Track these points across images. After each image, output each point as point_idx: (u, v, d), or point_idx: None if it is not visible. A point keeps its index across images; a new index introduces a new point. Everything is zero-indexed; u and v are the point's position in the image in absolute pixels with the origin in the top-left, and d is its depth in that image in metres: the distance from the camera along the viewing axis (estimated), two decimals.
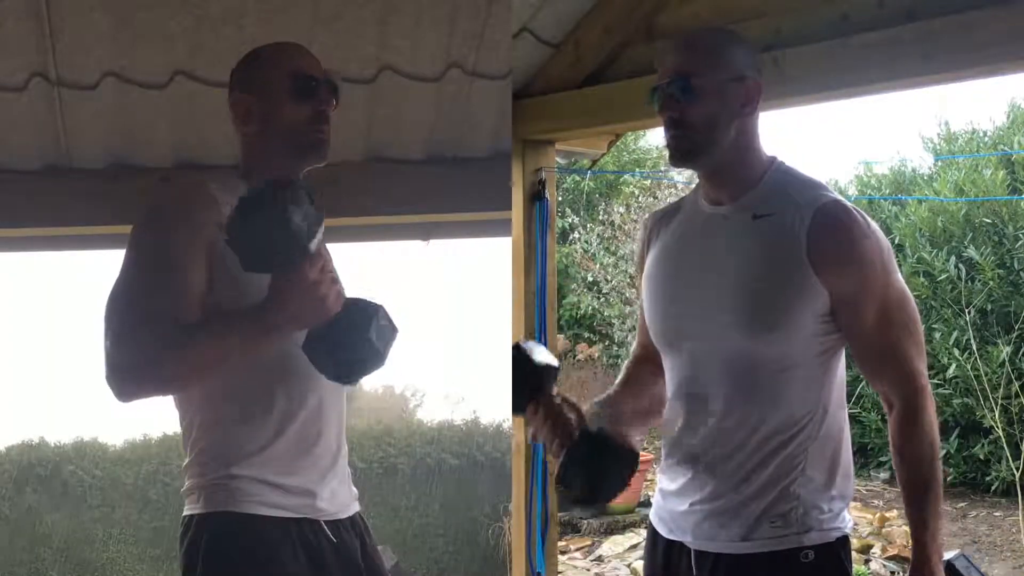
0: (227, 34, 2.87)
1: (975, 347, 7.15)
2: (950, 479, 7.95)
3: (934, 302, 7.73)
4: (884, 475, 8.58)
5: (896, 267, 1.90)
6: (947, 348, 7.45)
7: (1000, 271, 7.46)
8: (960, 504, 7.79)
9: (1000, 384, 7.03)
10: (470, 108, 3.17)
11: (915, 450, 1.86)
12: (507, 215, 3.55)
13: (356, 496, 2.06)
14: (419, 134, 3.25)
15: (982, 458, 7.68)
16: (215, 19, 2.84)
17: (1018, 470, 6.83)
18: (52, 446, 8.83)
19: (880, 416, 7.56)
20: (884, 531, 7.10)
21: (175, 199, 1.92)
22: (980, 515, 7.55)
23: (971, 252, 7.49)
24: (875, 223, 1.89)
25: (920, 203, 8.13)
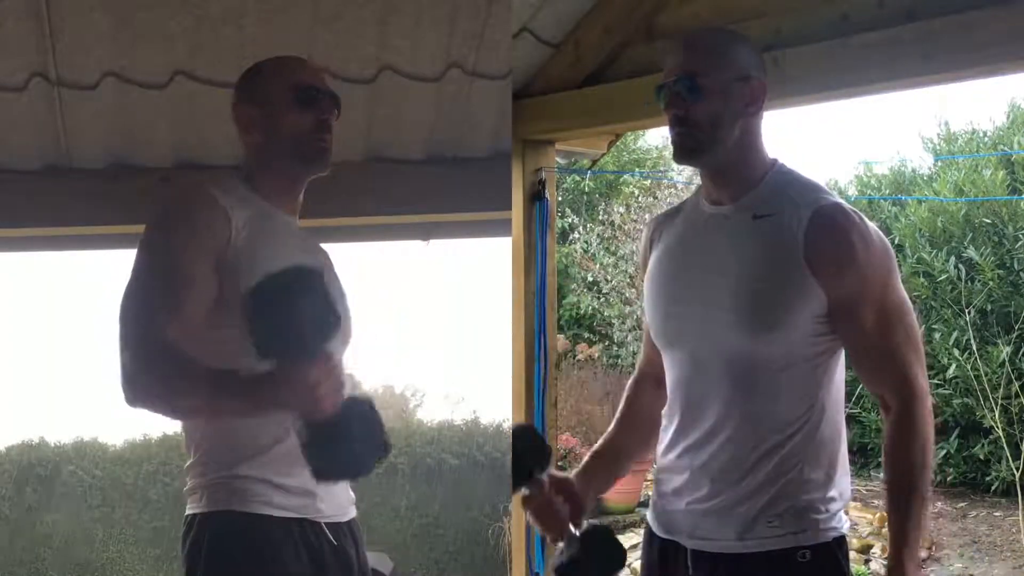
0: (227, 34, 2.87)
1: (975, 347, 7.15)
2: (950, 479, 7.94)
3: (934, 302, 7.73)
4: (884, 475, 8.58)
5: (897, 274, 1.89)
6: (947, 348, 7.45)
7: (1000, 271, 7.46)
8: (960, 504, 7.79)
9: (1000, 384, 7.03)
10: (470, 108, 3.17)
11: (906, 454, 1.85)
12: (507, 215, 3.54)
13: (353, 500, 2.06)
14: (419, 134, 3.25)
15: (982, 458, 7.68)
16: (215, 19, 2.84)
17: (1018, 470, 6.83)
18: (52, 446, 8.83)
19: (880, 416, 7.55)
20: (884, 531, 7.10)
21: (182, 204, 1.95)
22: (980, 515, 7.55)
23: (971, 252, 7.49)
24: (875, 226, 1.88)
25: (920, 203, 8.13)
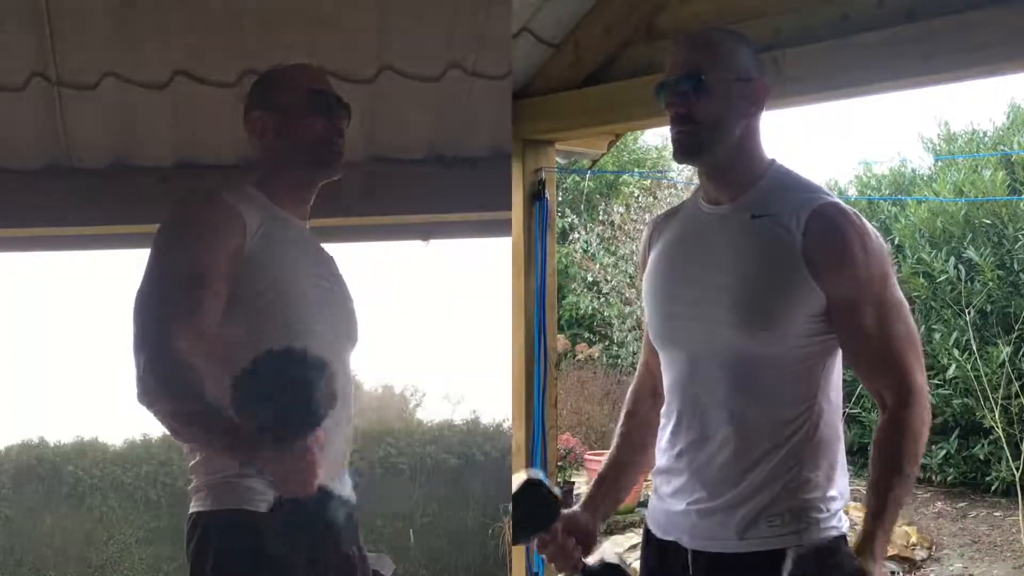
0: (227, 34, 2.87)
1: (975, 347, 7.15)
2: (950, 479, 7.94)
3: (934, 303, 7.73)
4: None
5: (894, 275, 1.89)
6: (947, 348, 7.45)
7: (1000, 272, 7.46)
8: (960, 504, 7.79)
9: (1000, 384, 7.03)
10: (470, 108, 3.17)
11: (899, 440, 1.81)
12: (507, 215, 3.55)
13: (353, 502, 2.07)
14: (419, 134, 3.25)
15: (982, 458, 7.67)
16: (215, 19, 2.84)
17: (1018, 470, 6.83)
18: (52, 446, 8.81)
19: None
20: None
21: (196, 208, 1.99)
22: (980, 515, 7.55)
23: (971, 253, 7.49)
24: (872, 227, 1.88)
25: (920, 204, 8.13)
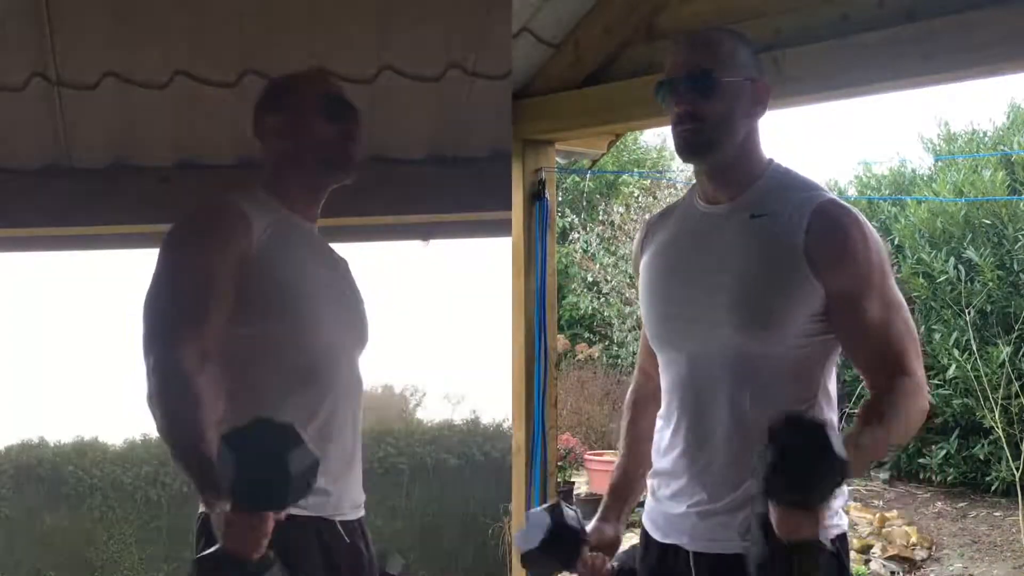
0: (227, 34, 2.87)
1: (975, 348, 7.15)
2: (950, 479, 7.94)
3: (934, 303, 7.73)
4: (884, 475, 8.58)
5: (892, 275, 1.89)
6: (947, 349, 7.44)
7: (1000, 272, 7.46)
8: (960, 504, 7.79)
9: (1000, 384, 7.03)
10: (470, 108, 3.17)
11: (891, 401, 1.77)
12: (507, 215, 3.55)
13: (363, 499, 2.08)
14: (419, 134, 3.25)
15: (982, 458, 7.67)
16: (215, 19, 2.84)
17: (1018, 470, 6.83)
18: (52, 446, 8.81)
19: None
20: (884, 531, 7.11)
21: (204, 212, 2.00)
22: (980, 515, 7.55)
23: (970, 253, 7.49)
24: (871, 224, 1.88)
25: (919, 204, 8.13)
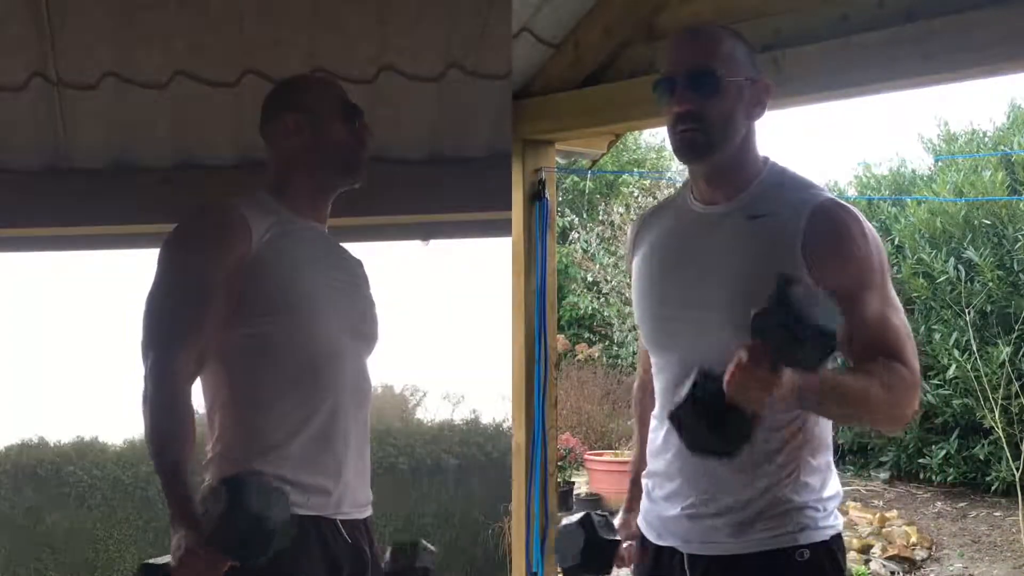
0: (227, 34, 2.87)
1: (975, 348, 7.15)
2: (950, 479, 7.95)
3: (934, 303, 7.73)
4: (884, 475, 8.59)
5: (889, 275, 1.88)
6: (947, 349, 7.45)
7: (999, 272, 7.46)
8: (960, 504, 7.79)
9: (1000, 384, 7.03)
10: (470, 108, 3.17)
11: (885, 372, 1.75)
12: (507, 215, 3.54)
13: (370, 499, 2.08)
14: (419, 134, 3.24)
15: (982, 458, 7.68)
16: (215, 19, 2.85)
17: (1018, 470, 6.83)
18: (52, 446, 8.82)
19: None
20: (884, 531, 7.11)
21: (201, 218, 2.01)
22: (980, 515, 7.56)
23: (971, 253, 7.49)
24: (870, 224, 1.87)
25: (919, 204, 8.13)
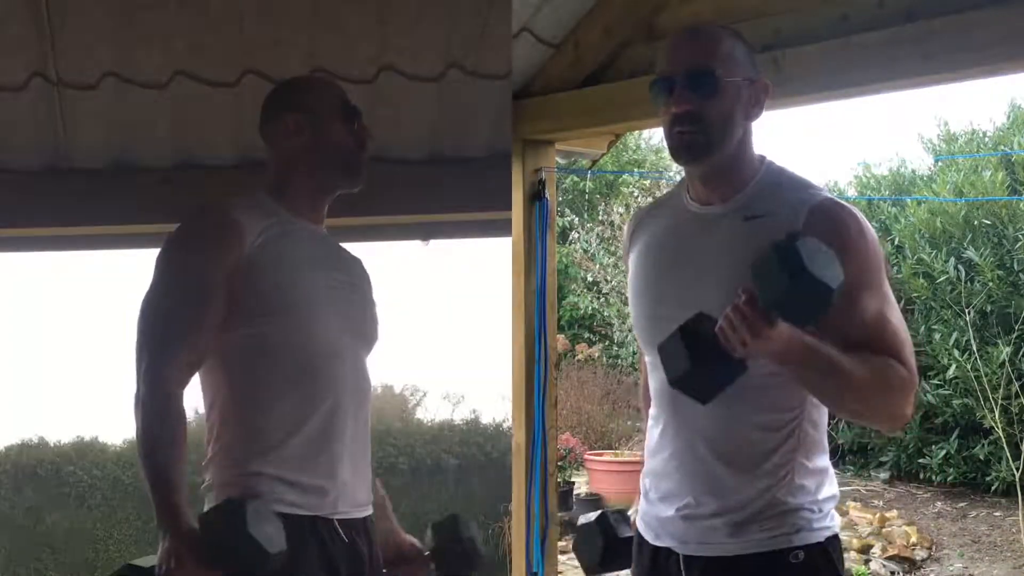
0: (227, 34, 2.87)
1: (975, 348, 7.15)
2: (950, 479, 7.95)
3: (934, 303, 7.73)
4: (884, 475, 8.59)
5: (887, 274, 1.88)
6: (947, 349, 7.45)
7: (1000, 272, 7.46)
8: (960, 504, 7.79)
9: (1000, 384, 7.03)
10: (470, 108, 3.17)
11: (879, 364, 1.74)
12: (507, 215, 3.54)
13: (370, 499, 2.08)
14: (419, 134, 3.24)
15: (982, 458, 7.68)
16: (215, 19, 2.84)
17: (1018, 470, 6.83)
18: (52, 446, 8.83)
19: None
20: (884, 531, 7.11)
21: (195, 223, 2.02)
22: (980, 515, 7.56)
23: (971, 253, 7.49)
24: (870, 224, 1.86)
25: (919, 204, 8.13)
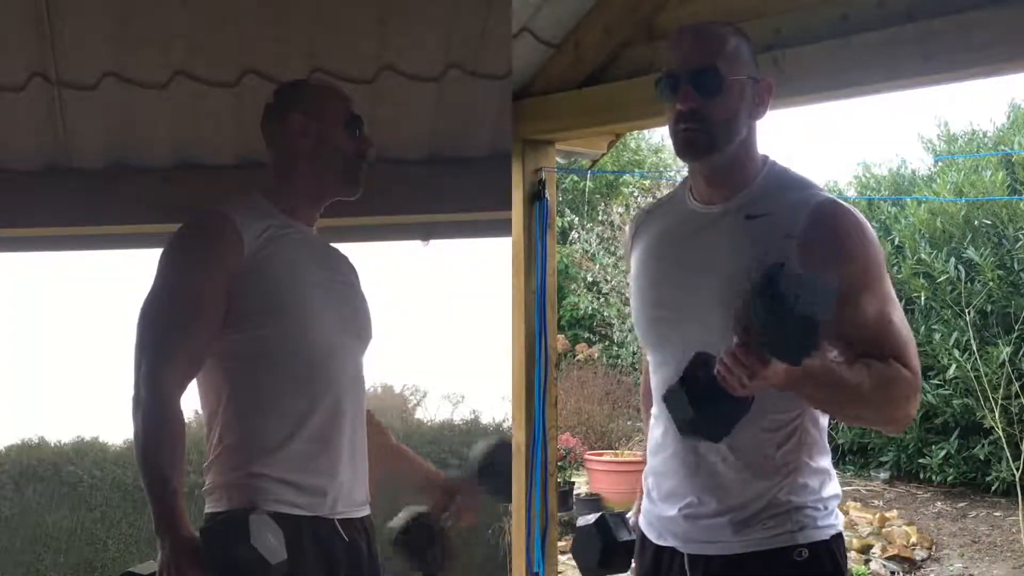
0: (227, 34, 2.87)
1: (975, 348, 7.15)
2: (950, 479, 7.95)
3: (934, 303, 7.73)
4: (884, 475, 8.59)
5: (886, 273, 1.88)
6: (947, 349, 7.45)
7: (1000, 272, 7.46)
8: (960, 504, 7.80)
9: (1000, 384, 7.03)
10: (470, 108, 3.16)
11: (884, 368, 1.74)
12: (507, 215, 3.55)
13: (368, 499, 2.09)
14: (419, 134, 3.24)
15: (982, 458, 7.68)
16: (215, 19, 2.84)
17: (1018, 470, 6.83)
18: (52, 446, 8.82)
19: None
20: (884, 531, 7.11)
21: (194, 229, 2.03)
22: (980, 515, 7.56)
23: (971, 253, 7.49)
24: (870, 224, 1.86)
25: (919, 204, 8.13)
